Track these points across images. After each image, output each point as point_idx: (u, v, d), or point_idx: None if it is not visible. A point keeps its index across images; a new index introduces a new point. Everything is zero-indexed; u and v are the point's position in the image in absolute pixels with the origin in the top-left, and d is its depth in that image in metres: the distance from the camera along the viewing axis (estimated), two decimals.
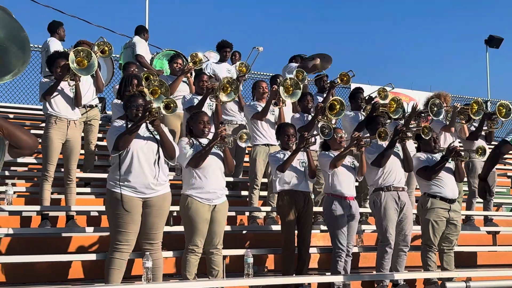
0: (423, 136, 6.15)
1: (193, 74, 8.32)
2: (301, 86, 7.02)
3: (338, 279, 5.66)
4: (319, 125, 6.48)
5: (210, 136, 5.31)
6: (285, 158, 5.78)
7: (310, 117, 7.12)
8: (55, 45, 8.61)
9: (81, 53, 6.02)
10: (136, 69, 7.99)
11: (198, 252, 5.16)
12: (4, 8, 2.31)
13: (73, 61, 5.96)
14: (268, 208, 6.95)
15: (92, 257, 5.43)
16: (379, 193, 6.01)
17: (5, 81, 2.30)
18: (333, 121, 7.11)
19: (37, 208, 6.24)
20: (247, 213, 7.26)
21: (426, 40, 35.14)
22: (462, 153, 6.22)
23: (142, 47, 9.18)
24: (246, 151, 8.04)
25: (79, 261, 5.63)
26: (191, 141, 5.27)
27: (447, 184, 6.10)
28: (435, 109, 7.08)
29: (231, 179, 7.42)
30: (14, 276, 5.47)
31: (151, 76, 7.17)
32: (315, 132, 6.31)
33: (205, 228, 5.16)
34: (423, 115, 7.30)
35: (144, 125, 4.81)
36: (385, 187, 6.01)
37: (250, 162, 7.21)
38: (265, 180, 7.26)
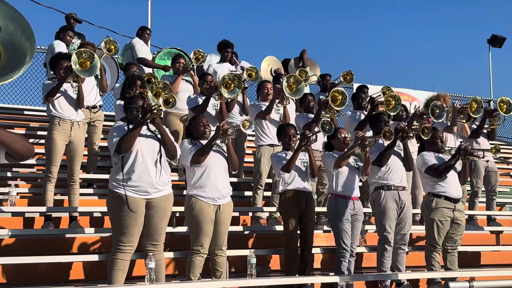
0: (422, 136, 6.11)
1: (195, 73, 8.31)
2: (304, 83, 7.01)
3: (341, 279, 5.65)
4: (320, 122, 6.46)
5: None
6: (287, 158, 5.77)
7: (313, 116, 7.10)
8: (61, 48, 8.61)
9: (84, 54, 6.01)
10: (137, 70, 7.97)
11: (204, 253, 5.12)
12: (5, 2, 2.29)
13: (76, 62, 5.94)
14: (271, 209, 6.94)
15: (95, 258, 5.42)
16: (379, 192, 5.99)
17: (18, 75, 2.26)
18: (338, 113, 7.07)
19: (40, 209, 6.24)
20: (250, 214, 7.25)
21: (428, 40, 35.13)
22: (474, 152, 6.19)
23: (142, 49, 9.13)
24: (248, 151, 8.02)
25: (82, 262, 5.63)
26: (192, 142, 5.27)
27: (452, 184, 6.06)
28: (437, 111, 7.00)
29: (233, 179, 7.41)
30: (16, 277, 5.47)
31: (153, 79, 7.16)
32: (316, 129, 6.28)
33: (210, 228, 5.13)
34: (425, 116, 7.27)
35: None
36: (386, 186, 5.99)
37: (254, 163, 7.18)
38: (269, 180, 7.25)
